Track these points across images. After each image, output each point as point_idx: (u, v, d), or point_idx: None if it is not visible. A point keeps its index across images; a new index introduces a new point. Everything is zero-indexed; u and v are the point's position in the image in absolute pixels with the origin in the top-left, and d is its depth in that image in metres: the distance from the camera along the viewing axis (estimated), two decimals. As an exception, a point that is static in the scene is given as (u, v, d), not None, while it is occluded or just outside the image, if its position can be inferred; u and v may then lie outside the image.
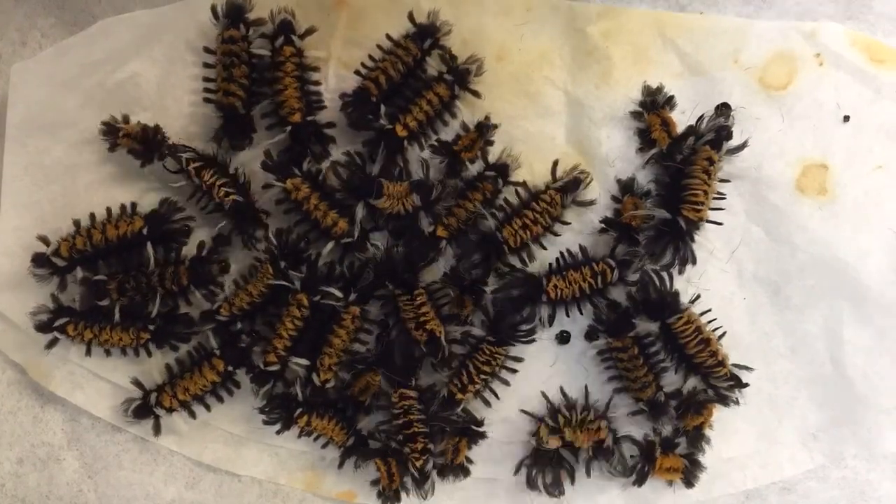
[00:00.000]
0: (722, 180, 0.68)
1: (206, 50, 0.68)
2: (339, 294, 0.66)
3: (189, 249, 0.70)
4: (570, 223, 0.69)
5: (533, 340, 0.69)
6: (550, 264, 0.69)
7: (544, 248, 0.69)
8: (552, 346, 0.72)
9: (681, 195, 0.65)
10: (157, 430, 0.71)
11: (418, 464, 0.67)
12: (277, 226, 0.69)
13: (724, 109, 0.68)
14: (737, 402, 0.69)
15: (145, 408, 0.70)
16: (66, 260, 0.68)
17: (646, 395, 0.69)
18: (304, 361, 0.67)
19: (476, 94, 0.68)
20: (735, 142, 0.67)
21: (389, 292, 0.67)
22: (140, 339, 0.69)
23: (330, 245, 0.67)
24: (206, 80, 0.68)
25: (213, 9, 0.67)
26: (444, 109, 0.68)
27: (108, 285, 0.68)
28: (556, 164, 0.69)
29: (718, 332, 0.69)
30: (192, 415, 0.71)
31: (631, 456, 0.71)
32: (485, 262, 0.68)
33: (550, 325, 0.69)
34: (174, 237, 0.69)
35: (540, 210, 0.67)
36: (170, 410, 0.70)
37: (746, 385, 0.69)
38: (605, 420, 0.69)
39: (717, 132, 0.66)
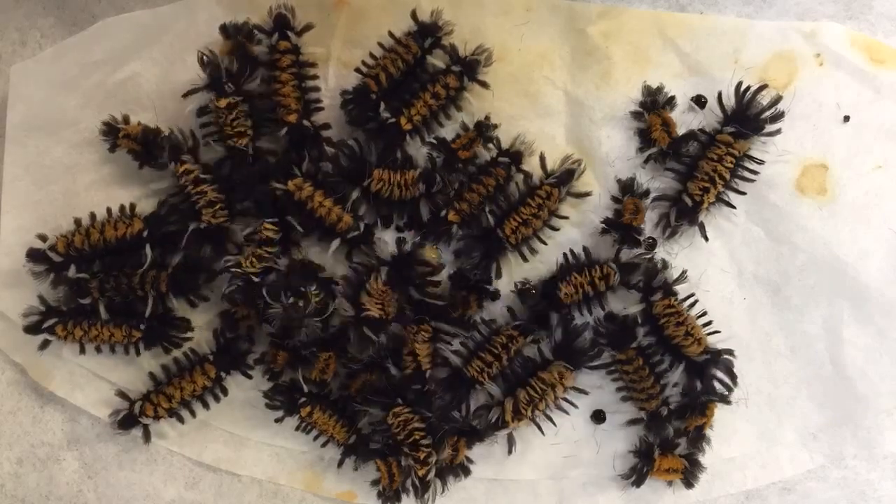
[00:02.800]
0: (756, 160, 0.68)
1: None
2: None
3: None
4: (567, 217, 0.69)
5: (598, 367, 0.69)
6: (561, 265, 0.69)
7: (544, 242, 0.69)
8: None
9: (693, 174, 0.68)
10: (146, 437, 0.71)
11: (420, 473, 0.67)
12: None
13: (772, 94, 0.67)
14: (729, 400, 0.69)
15: (130, 418, 0.70)
16: (63, 256, 0.67)
17: (651, 407, 0.69)
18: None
19: (484, 84, 0.68)
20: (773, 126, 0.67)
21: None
22: (132, 337, 0.69)
23: (336, 242, 0.67)
24: None
25: (223, 28, 0.67)
26: (450, 102, 0.68)
27: (89, 283, 0.68)
28: (543, 157, 0.69)
29: (703, 320, 0.69)
30: (181, 420, 0.71)
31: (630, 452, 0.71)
32: (486, 259, 0.68)
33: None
34: (173, 240, 0.69)
35: (536, 205, 0.67)
36: (156, 418, 0.70)
37: (726, 354, 0.68)
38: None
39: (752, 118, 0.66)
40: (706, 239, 0.69)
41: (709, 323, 0.69)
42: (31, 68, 0.70)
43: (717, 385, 0.69)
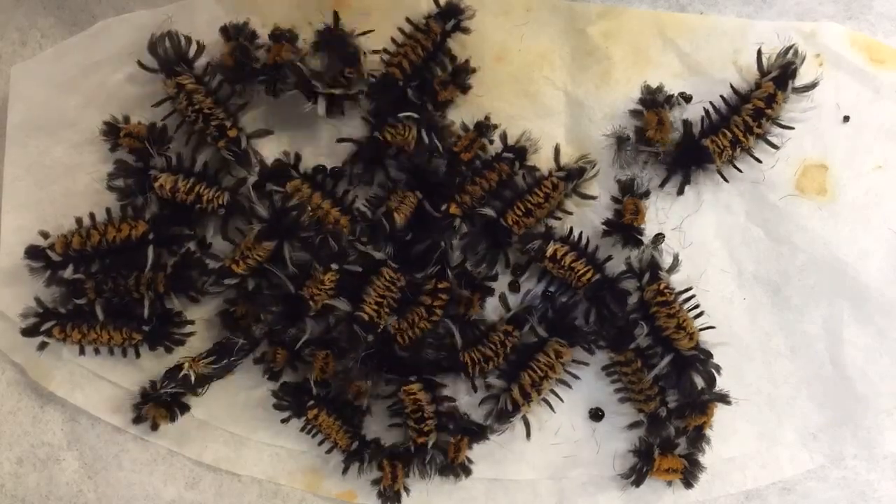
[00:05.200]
0: (784, 126, 0.68)
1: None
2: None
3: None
4: (571, 213, 0.69)
5: (595, 348, 0.69)
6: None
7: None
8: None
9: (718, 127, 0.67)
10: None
11: (419, 441, 0.67)
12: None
13: (791, 51, 0.66)
14: (728, 399, 0.69)
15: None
16: (61, 256, 0.67)
17: (649, 408, 0.69)
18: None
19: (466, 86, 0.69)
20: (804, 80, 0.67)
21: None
22: (132, 339, 0.69)
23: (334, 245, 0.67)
24: None
25: (224, 29, 0.67)
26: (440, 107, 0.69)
27: (84, 285, 0.68)
28: (557, 149, 0.68)
29: (695, 314, 0.68)
30: (174, 416, 0.71)
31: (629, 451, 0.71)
32: (493, 250, 0.68)
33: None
34: (177, 242, 0.69)
35: (542, 195, 0.67)
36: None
37: (712, 363, 0.68)
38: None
39: (782, 69, 0.66)
40: (726, 181, 0.69)
41: (700, 315, 0.68)
42: (31, 68, 0.70)
43: (704, 383, 0.69)
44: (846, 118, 0.69)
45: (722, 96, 0.68)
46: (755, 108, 0.66)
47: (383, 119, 0.67)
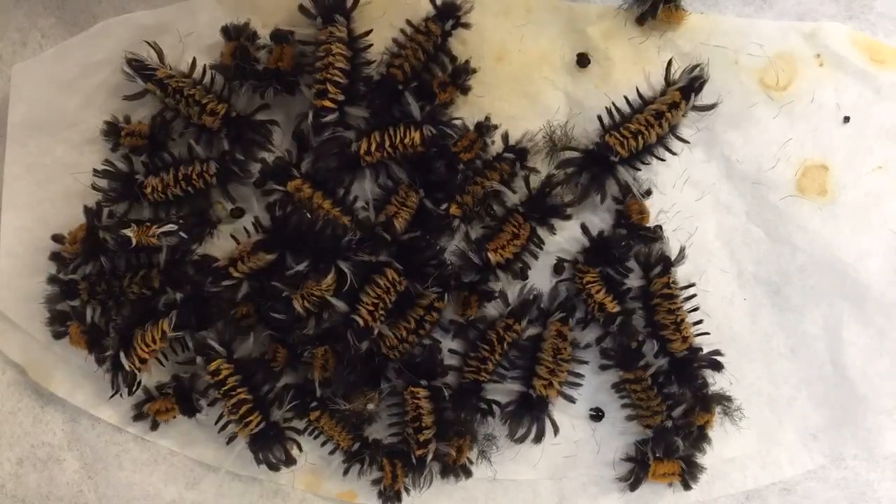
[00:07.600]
0: (680, 139, 0.68)
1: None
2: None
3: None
4: (542, 243, 0.69)
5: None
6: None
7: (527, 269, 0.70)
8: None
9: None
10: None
11: (418, 453, 0.67)
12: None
13: (699, 69, 0.67)
14: (729, 399, 0.69)
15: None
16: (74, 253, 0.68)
17: (654, 422, 0.69)
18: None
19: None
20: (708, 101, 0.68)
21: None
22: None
23: None
24: None
25: (225, 29, 0.68)
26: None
27: (78, 286, 0.68)
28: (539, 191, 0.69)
29: (694, 317, 0.69)
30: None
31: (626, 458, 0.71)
32: (467, 272, 0.68)
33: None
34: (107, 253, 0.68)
35: (510, 234, 0.68)
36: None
37: (701, 364, 0.69)
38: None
39: (690, 81, 0.66)
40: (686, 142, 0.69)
41: (700, 322, 0.69)
42: (32, 68, 0.70)
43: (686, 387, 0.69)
44: (847, 119, 0.69)
45: (626, 97, 0.68)
46: (657, 111, 0.66)
47: (382, 120, 0.67)
